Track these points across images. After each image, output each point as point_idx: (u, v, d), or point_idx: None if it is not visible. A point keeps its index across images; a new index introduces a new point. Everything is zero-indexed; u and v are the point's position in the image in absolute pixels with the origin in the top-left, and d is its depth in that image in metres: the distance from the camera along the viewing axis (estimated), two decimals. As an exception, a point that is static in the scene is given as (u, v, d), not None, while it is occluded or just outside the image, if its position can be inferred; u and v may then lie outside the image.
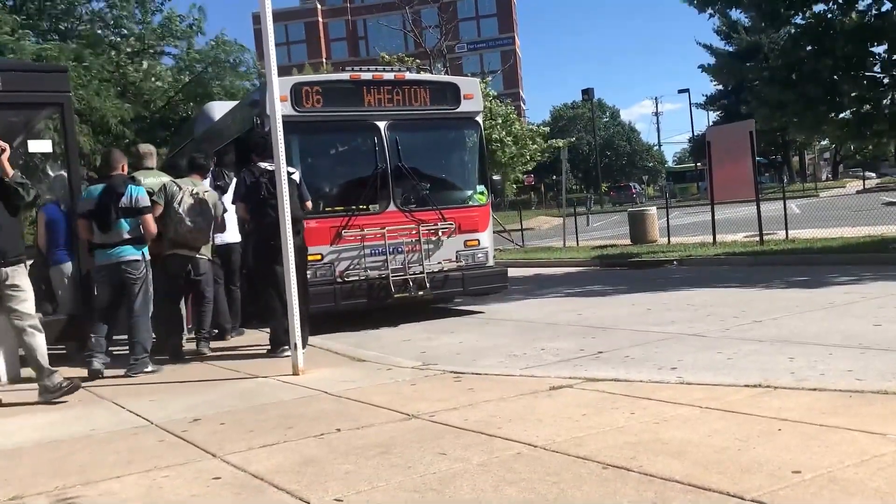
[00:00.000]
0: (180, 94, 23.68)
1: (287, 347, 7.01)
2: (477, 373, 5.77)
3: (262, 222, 7.52)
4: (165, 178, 8.12)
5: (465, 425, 4.22)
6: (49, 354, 7.84)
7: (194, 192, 7.85)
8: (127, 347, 7.16)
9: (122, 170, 7.25)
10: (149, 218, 7.04)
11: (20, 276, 5.95)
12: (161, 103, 23.61)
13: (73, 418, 5.27)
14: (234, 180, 8.55)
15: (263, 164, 7.57)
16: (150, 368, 6.95)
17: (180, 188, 7.80)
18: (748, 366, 5.73)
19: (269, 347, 7.66)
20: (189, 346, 8.05)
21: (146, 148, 8.80)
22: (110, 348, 7.44)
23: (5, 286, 5.86)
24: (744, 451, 3.41)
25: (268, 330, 7.78)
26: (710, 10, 16.37)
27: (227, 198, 8.50)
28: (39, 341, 5.94)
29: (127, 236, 6.90)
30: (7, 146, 5.95)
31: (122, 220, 6.87)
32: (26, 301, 5.96)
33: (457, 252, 10.09)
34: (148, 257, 7.12)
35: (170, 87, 23.88)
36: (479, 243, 10.29)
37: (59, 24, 23.08)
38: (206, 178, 8.48)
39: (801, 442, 3.49)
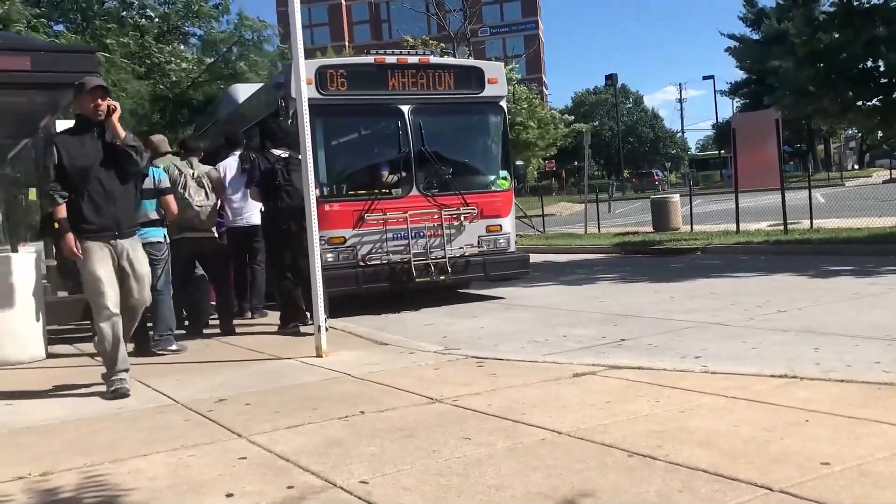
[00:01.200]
0: (205, 74, 23.76)
1: (296, 324, 7.75)
2: (499, 358, 5.77)
3: (276, 206, 7.84)
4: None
5: (488, 410, 4.23)
6: (74, 330, 8.02)
7: (195, 174, 7.96)
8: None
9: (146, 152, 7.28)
10: (170, 199, 7.15)
11: (135, 248, 5.57)
12: (187, 84, 23.72)
13: (98, 397, 5.32)
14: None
15: (277, 152, 7.89)
16: (173, 346, 7.07)
17: (181, 172, 7.91)
18: (773, 355, 5.68)
19: (279, 325, 7.96)
20: (213, 323, 8.19)
21: (158, 137, 8.84)
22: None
23: (121, 259, 5.45)
24: (771, 442, 3.39)
25: None
26: None
27: None
28: (132, 326, 5.72)
29: (152, 217, 6.99)
30: (118, 105, 5.49)
31: (146, 202, 6.91)
32: (139, 280, 5.56)
33: (479, 237, 10.07)
34: (168, 239, 7.26)
35: (195, 67, 23.98)
36: (501, 228, 10.27)
37: (83, 9, 23.16)
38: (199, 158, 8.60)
39: (830, 434, 3.46)
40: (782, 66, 20.81)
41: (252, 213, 8.84)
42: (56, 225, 5.30)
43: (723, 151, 60.07)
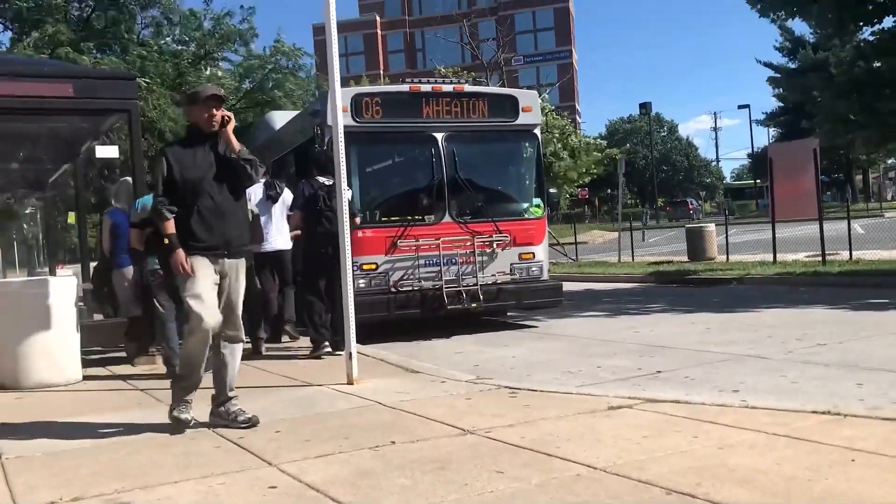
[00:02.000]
0: (242, 101, 24.10)
1: (326, 344, 7.96)
2: (533, 389, 5.69)
3: (316, 231, 8.03)
4: None
5: (522, 443, 4.15)
6: (109, 357, 8.08)
7: None
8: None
9: None
10: None
11: (240, 271, 5.15)
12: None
13: (133, 421, 5.33)
14: (286, 190, 8.82)
15: (322, 179, 8.07)
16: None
17: None
18: (814, 391, 5.54)
19: (311, 348, 8.06)
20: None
21: None
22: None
23: (224, 279, 5.04)
24: (815, 482, 3.28)
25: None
26: (772, 16, 16.01)
27: (277, 207, 8.70)
28: (236, 356, 5.19)
29: None
30: (232, 116, 5.13)
31: None
32: (237, 305, 5.15)
33: (511, 265, 10.02)
34: None
35: (231, 94, 24.34)
36: (533, 256, 10.21)
37: (122, 37, 23.69)
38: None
39: (877, 475, 3.34)
40: (820, 96, 20.58)
41: (277, 238, 8.89)
42: (165, 240, 4.90)
43: (758, 181, 59.48)
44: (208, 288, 4.92)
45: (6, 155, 10.84)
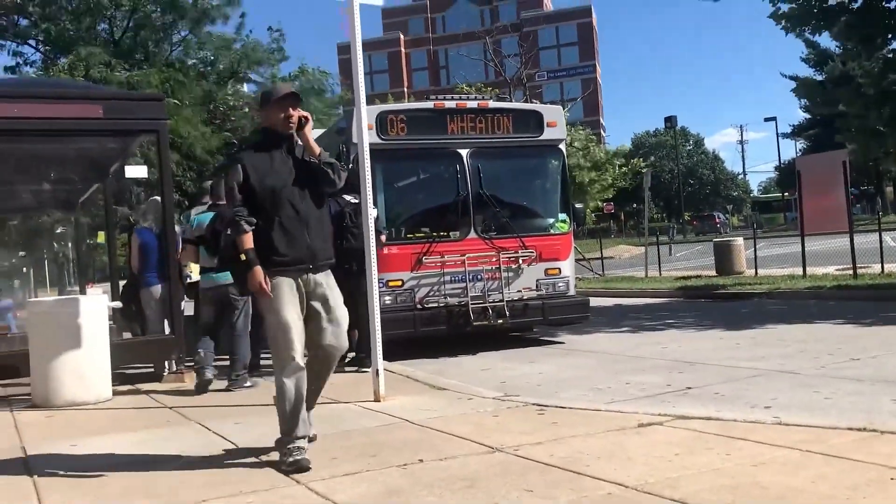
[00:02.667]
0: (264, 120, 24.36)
1: (348, 360, 7.95)
2: (561, 406, 5.64)
3: (340, 247, 7.90)
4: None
5: (550, 461, 4.11)
6: (137, 373, 8.14)
7: None
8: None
9: None
10: None
11: (331, 286, 4.65)
12: (248, 130, 24.33)
13: (161, 439, 5.36)
14: None
15: (348, 197, 8.08)
16: (248, 383, 7.33)
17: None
18: (849, 407, 5.44)
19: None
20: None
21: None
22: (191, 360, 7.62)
23: (313, 297, 4.53)
24: (853, 500, 3.21)
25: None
26: (799, 31, 15.89)
27: None
28: (324, 378, 4.75)
29: None
30: (310, 116, 4.67)
31: None
32: (340, 321, 4.61)
33: (537, 280, 9.98)
34: None
35: (257, 115, 24.60)
36: (560, 272, 10.16)
37: (151, 58, 24.09)
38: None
39: (917, 493, 3.26)
40: (849, 109, 20.36)
41: None
42: (242, 256, 4.41)
43: (786, 194, 58.86)
44: (295, 316, 4.41)
45: (39, 176, 11.01)
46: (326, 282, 4.59)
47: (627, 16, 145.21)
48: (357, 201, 7.98)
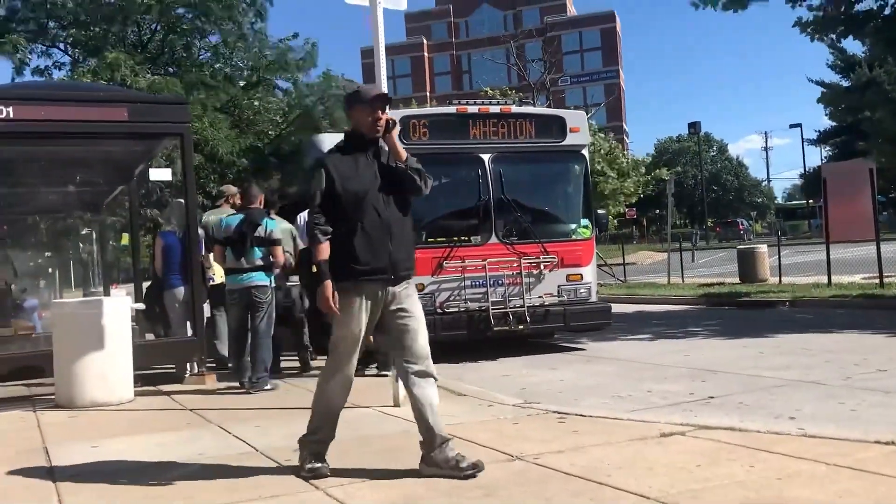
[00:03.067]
0: (291, 126, 24.43)
1: (363, 368, 7.78)
2: (582, 414, 5.59)
3: None
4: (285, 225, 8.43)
5: (571, 470, 4.07)
6: (159, 374, 8.19)
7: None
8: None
9: (260, 203, 7.75)
10: (279, 249, 7.57)
11: (412, 298, 4.40)
12: (273, 135, 24.43)
13: (182, 441, 5.38)
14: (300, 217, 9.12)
15: None
16: (269, 386, 7.36)
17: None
18: (875, 419, 5.35)
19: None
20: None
21: (230, 189, 9.17)
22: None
23: (392, 311, 4.30)
24: (880, 517, 3.14)
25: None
26: (825, 37, 15.73)
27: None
28: (431, 393, 4.32)
29: (259, 263, 7.41)
30: (397, 120, 4.52)
31: (256, 249, 7.42)
32: (419, 333, 4.34)
33: (558, 286, 9.93)
34: (273, 284, 7.60)
35: (282, 119, 24.67)
36: (581, 278, 10.10)
37: (179, 62, 24.27)
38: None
39: (946, 510, 3.19)
40: (876, 115, 20.10)
41: None
42: (315, 268, 4.23)
43: (811, 201, 58.25)
44: (361, 332, 4.27)
45: (64, 177, 11.12)
46: (407, 293, 4.35)
47: (651, 21, 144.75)
48: None
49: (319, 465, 4.23)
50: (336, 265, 4.18)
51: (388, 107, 4.42)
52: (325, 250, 4.19)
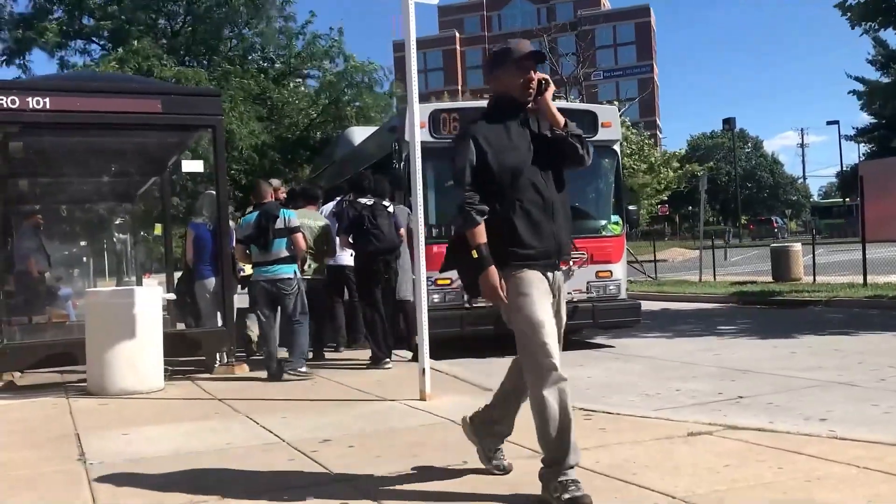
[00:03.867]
0: (320, 116, 24.56)
1: (388, 360, 8.13)
2: (608, 412, 5.55)
3: (365, 249, 8.24)
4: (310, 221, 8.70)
5: (596, 468, 4.04)
6: (189, 363, 8.28)
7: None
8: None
9: (272, 196, 8.02)
10: (299, 237, 7.77)
11: (564, 290, 3.87)
12: (303, 126, 24.58)
13: (209, 431, 5.43)
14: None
15: (363, 200, 8.36)
16: (304, 368, 7.57)
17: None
18: (909, 422, 5.25)
19: (369, 362, 8.27)
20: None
21: (274, 183, 9.32)
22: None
23: (555, 301, 3.74)
24: (911, 523, 3.08)
25: None
26: (865, 26, 15.41)
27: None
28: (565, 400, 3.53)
29: (284, 254, 7.63)
30: (550, 80, 3.82)
31: (278, 241, 7.62)
32: (560, 331, 3.77)
33: (588, 283, 9.87)
34: (299, 274, 7.83)
35: (311, 109, 24.79)
36: (611, 275, 10.03)
37: (209, 53, 24.51)
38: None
39: (980, 517, 3.12)
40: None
41: (342, 253, 9.04)
42: (473, 253, 3.56)
43: (847, 199, 57.32)
44: (550, 314, 3.60)
45: (98, 168, 11.27)
46: (561, 281, 3.82)
47: (686, 15, 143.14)
48: (371, 203, 8.17)
49: (579, 493, 3.40)
50: (495, 251, 3.56)
51: (542, 61, 3.81)
52: (481, 233, 3.56)
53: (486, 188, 3.61)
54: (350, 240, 8.35)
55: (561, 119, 3.73)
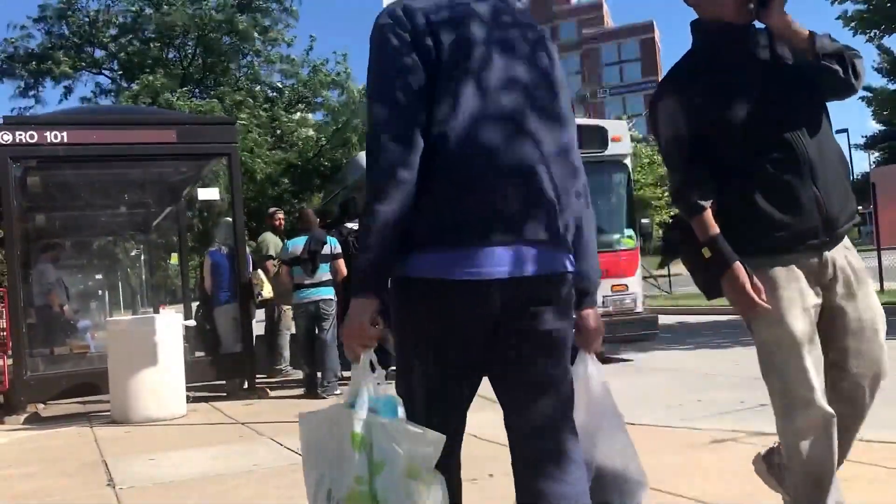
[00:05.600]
0: (329, 142, 24.78)
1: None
2: (632, 423, 5.49)
3: (349, 275, 8.39)
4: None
5: (623, 476, 4.05)
6: (210, 388, 8.33)
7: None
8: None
9: (317, 225, 8.51)
10: (342, 262, 8.11)
11: (858, 270, 2.65)
12: (312, 152, 24.78)
13: (235, 454, 5.47)
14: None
15: (349, 225, 8.69)
16: (338, 391, 7.71)
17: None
18: (935, 424, 5.22)
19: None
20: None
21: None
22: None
23: (833, 289, 2.58)
24: (943, 519, 3.08)
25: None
26: (868, 34, 15.42)
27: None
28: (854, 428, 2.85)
29: (326, 277, 8.03)
30: None
31: (322, 265, 8.05)
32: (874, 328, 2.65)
33: (603, 297, 9.86)
34: (336, 297, 8.16)
35: (319, 135, 25.02)
36: (626, 288, 10.04)
37: (220, 84, 24.82)
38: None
39: None
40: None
41: None
42: (705, 251, 2.55)
43: (860, 207, 57.09)
44: (807, 328, 2.52)
45: (114, 199, 11.42)
46: (850, 258, 2.63)
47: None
48: (358, 227, 8.28)
49: None
50: (733, 237, 2.50)
51: None
52: (709, 221, 2.52)
53: (711, 155, 2.55)
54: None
55: (804, 32, 2.51)
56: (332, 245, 8.18)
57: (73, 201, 10.92)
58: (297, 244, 8.15)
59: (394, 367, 2.15)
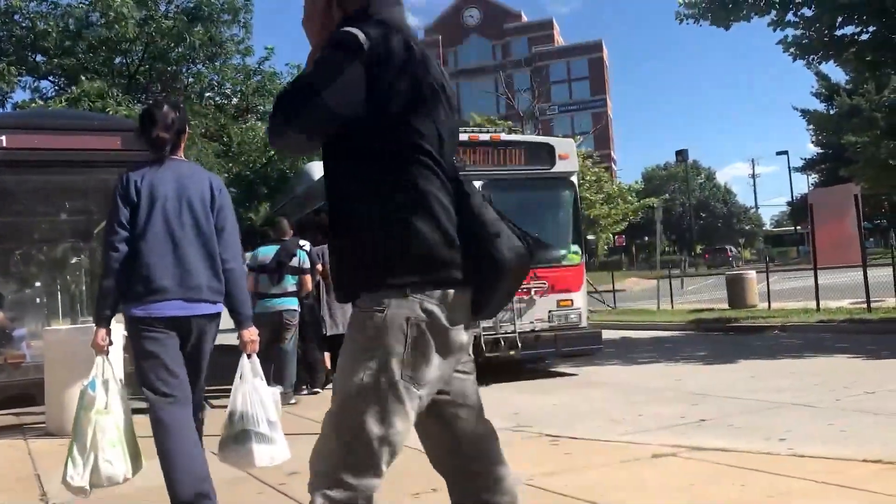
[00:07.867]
0: (277, 153, 24.54)
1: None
2: (574, 437, 5.62)
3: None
4: None
5: (565, 491, 4.09)
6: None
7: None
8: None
9: (290, 235, 8.60)
10: (308, 277, 8.29)
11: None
12: (261, 162, 24.54)
13: (174, 467, 5.35)
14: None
15: (302, 242, 8.72)
16: (293, 401, 7.92)
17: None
18: (865, 439, 5.39)
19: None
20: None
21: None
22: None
23: None
24: (871, 532, 3.18)
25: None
26: (807, 59, 15.91)
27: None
28: None
29: (291, 289, 8.17)
30: None
31: (289, 276, 8.18)
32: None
33: (549, 312, 9.97)
34: (301, 308, 8.37)
35: (266, 145, 24.75)
36: (572, 303, 10.15)
37: (167, 92, 24.37)
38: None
39: (936, 524, 3.23)
40: (858, 141, 20.41)
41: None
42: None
43: (798, 227, 58.75)
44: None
45: (54, 206, 11.13)
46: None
47: (638, 50, 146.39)
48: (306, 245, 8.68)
49: None
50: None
51: None
52: None
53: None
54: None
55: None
56: (301, 259, 8.29)
57: (12, 207, 10.61)
58: (268, 253, 8.29)
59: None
